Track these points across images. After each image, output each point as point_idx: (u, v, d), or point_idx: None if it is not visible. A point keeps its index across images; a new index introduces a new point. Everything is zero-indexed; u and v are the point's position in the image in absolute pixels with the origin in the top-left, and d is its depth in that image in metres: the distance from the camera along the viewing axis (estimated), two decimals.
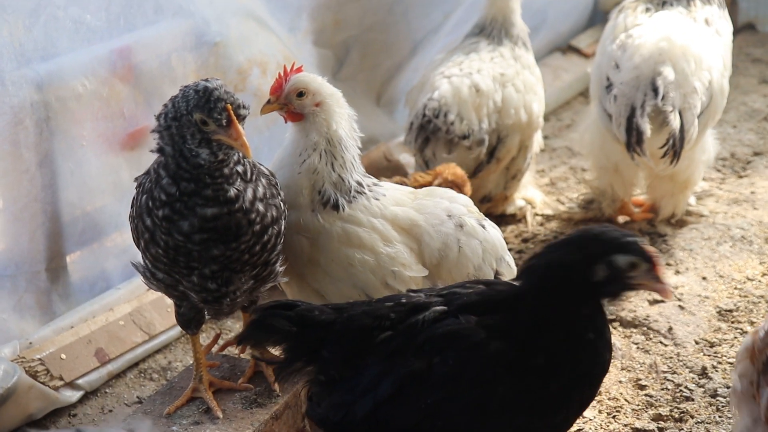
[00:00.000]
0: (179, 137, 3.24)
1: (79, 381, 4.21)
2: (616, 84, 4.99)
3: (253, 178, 3.37)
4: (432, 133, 5.07)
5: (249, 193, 3.32)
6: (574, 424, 3.26)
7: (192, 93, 3.21)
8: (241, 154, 3.30)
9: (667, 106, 4.79)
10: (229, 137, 3.18)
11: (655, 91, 4.81)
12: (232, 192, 3.27)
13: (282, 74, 3.73)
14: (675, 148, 4.80)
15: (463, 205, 3.83)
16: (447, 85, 5.11)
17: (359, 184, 3.72)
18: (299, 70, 3.74)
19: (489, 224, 3.84)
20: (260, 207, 3.36)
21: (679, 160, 4.86)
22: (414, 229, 3.72)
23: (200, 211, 3.25)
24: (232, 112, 3.17)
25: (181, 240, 3.29)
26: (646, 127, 4.78)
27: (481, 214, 3.88)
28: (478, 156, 5.14)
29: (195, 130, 3.20)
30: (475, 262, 3.71)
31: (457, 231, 3.72)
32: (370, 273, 3.64)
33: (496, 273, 3.74)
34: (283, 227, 3.53)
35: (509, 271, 3.79)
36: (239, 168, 3.31)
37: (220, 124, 3.17)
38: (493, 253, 3.76)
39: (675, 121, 4.79)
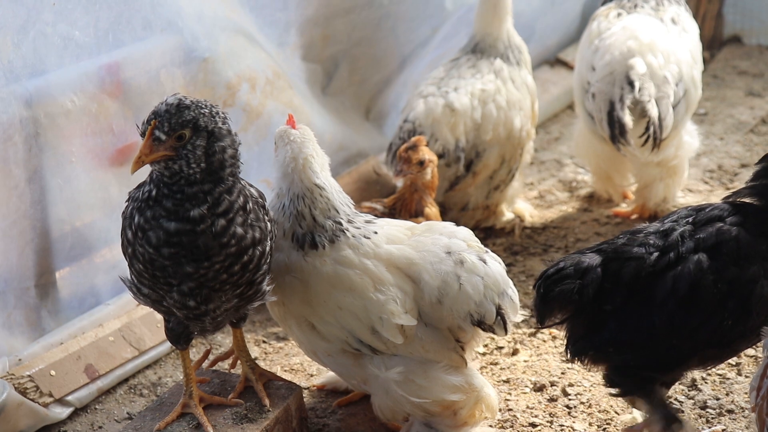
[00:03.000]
0: None
1: (69, 397, 4.20)
2: (592, 83, 5.24)
3: (233, 206, 3.34)
4: None
5: (221, 220, 3.31)
6: None
7: None
8: (227, 186, 3.32)
9: (644, 97, 5.01)
10: None
11: (631, 84, 5.04)
12: (195, 213, 3.27)
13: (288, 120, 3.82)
14: (655, 135, 5.03)
15: (462, 239, 3.73)
16: (422, 105, 5.18)
17: (338, 222, 3.68)
18: (290, 122, 3.77)
19: (490, 258, 3.74)
20: (238, 230, 3.35)
21: (659, 147, 5.09)
22: (411, 267, 3.66)
23: (165, 224, 3.27)
24: (151, 127, 3.21)
25: (152, 252, 3.31)
26: (628, 119, 5.02)
27: (483, 246, 3.79)
28: (456, 171, 5.20)
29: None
30: (476, 299, 3.62)
31: (457, 268, 3.64)
32: (357, 318, 3.60)
33: (499, 308, 3.64)
34: (268, 248, 3.52)
35: (512, 305, 3.69)
36: (212, 197, 3.29)
37: (142, 134, 3.25)
38: (495, 289, 3.65)
39: (653, 110, 5.02)
